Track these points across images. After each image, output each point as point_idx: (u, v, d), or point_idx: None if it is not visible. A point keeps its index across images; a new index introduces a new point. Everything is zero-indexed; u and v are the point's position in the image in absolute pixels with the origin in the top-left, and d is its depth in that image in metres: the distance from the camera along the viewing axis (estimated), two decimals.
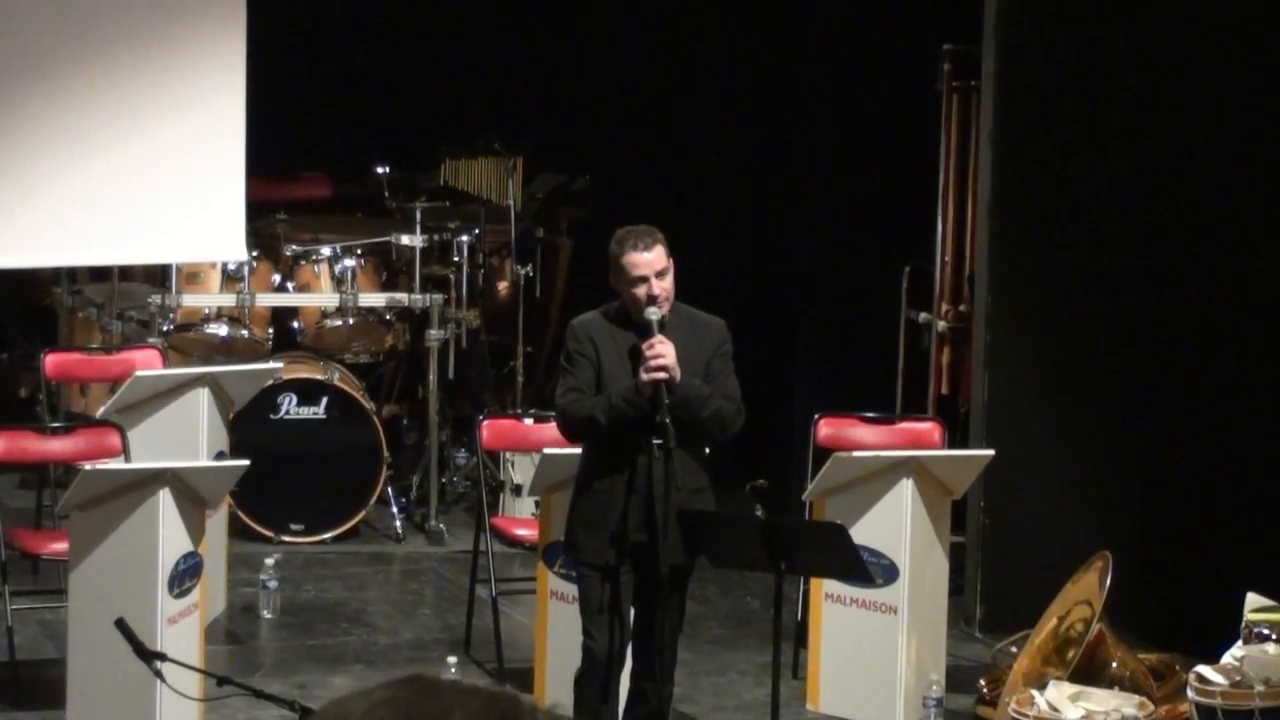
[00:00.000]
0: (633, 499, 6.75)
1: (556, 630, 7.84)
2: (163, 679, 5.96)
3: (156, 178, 9.18)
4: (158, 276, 10.35)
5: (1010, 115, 8.84)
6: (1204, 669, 7.33)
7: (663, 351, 6.65)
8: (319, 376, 10.09)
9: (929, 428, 8.86)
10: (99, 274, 10.34)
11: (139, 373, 8.89)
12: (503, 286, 11.34)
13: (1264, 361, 8.45)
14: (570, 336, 6.89)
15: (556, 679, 7.61)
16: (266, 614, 9.03)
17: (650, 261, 6.75)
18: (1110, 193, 8.72)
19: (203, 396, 8.76)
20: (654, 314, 6.72)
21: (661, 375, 6.62)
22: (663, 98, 11.57)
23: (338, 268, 10.58)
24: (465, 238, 10.70)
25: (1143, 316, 8.66)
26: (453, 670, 7.93)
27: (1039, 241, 8.84)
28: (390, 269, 10.84)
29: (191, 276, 10.47)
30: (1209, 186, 8.53)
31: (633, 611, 6.91)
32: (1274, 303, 8.43)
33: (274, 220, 10.69)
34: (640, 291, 6.74)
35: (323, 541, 10.06)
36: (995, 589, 8.90)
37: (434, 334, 10.39)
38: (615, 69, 11.82)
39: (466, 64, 12.12)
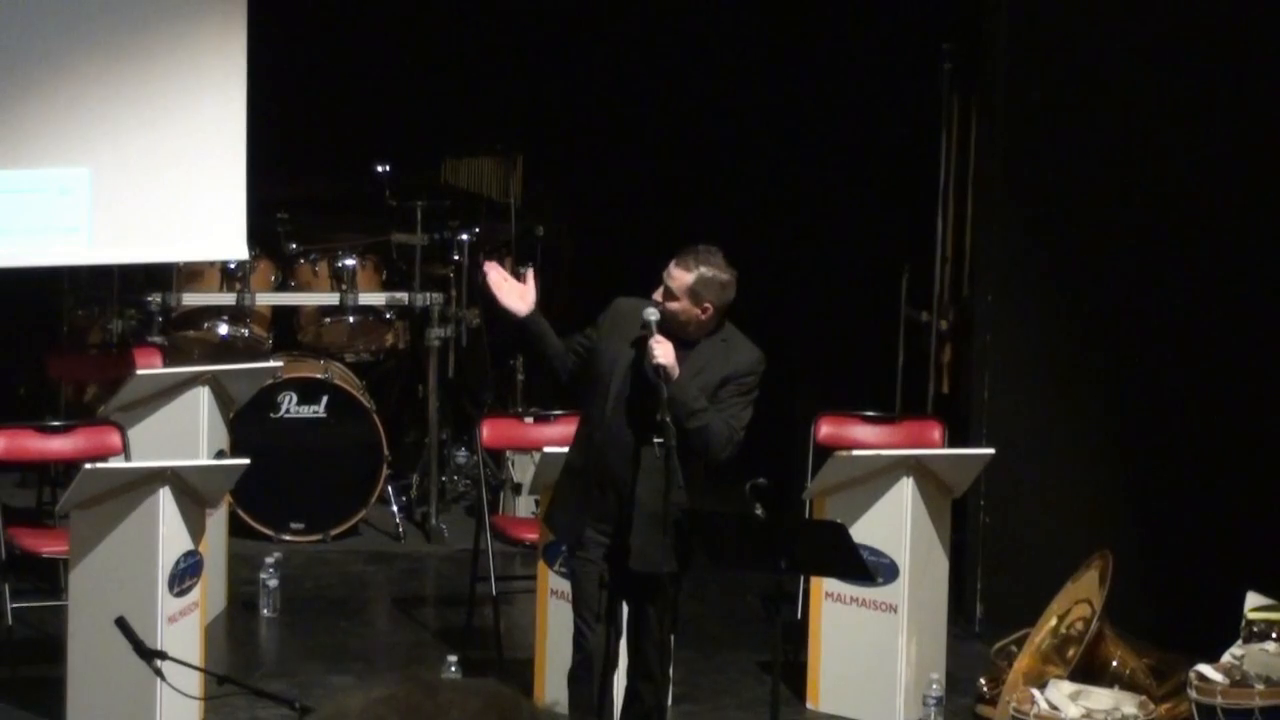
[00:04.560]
0: (618, 496, 6.76)
1: (556, 629, 7.84)
2: (163, 677, 5.96)
3: (157, 177, 9.18)
4: (158, 275, 10.35)
5: (1013, 114, 8.84)
6: (1204, 667, 7.34)
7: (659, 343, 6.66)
8: (319, 375, 10.10)
9: (929, 427, 8.87)
10: (100, 273, 10.34)
11: (139, 371, 8.90)
12: None
13: (1265, 361, 8.45)
14: (608, 308, 6.94)
15: (556, 678, 7.61)
16: (266, 612, 9.03)
17: (671, 274, 6.80)
18: (1111, 192, 8.71)
19: (203, 395, 8.77)
20: (652, 315, 6.73)
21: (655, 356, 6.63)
22: (663, 98, 11.57)
23: (338, 266, 10.59)
24: (465, 236, 10.70)
25: (1143, 316, 8.66)
26: (453, 669, 7.93)
27: (1039, 241, 8.84)
28: (390, 268, 10.84)
29: (192, 275, 10.48)
30: (1211, 186, 8.53)
31: (626, 611, 6.92)
32: (1275, 303, 8.43)
33: (274, 219, 10.68)
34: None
35: (323, 540, 10.06)
36: (995, 588, 8.90)
37: (434, 333, 10.39)
38: (616, 70, 11.82)
39: (466, 64, 12.12)
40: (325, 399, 10.08)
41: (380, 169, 10.68)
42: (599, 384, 6.82)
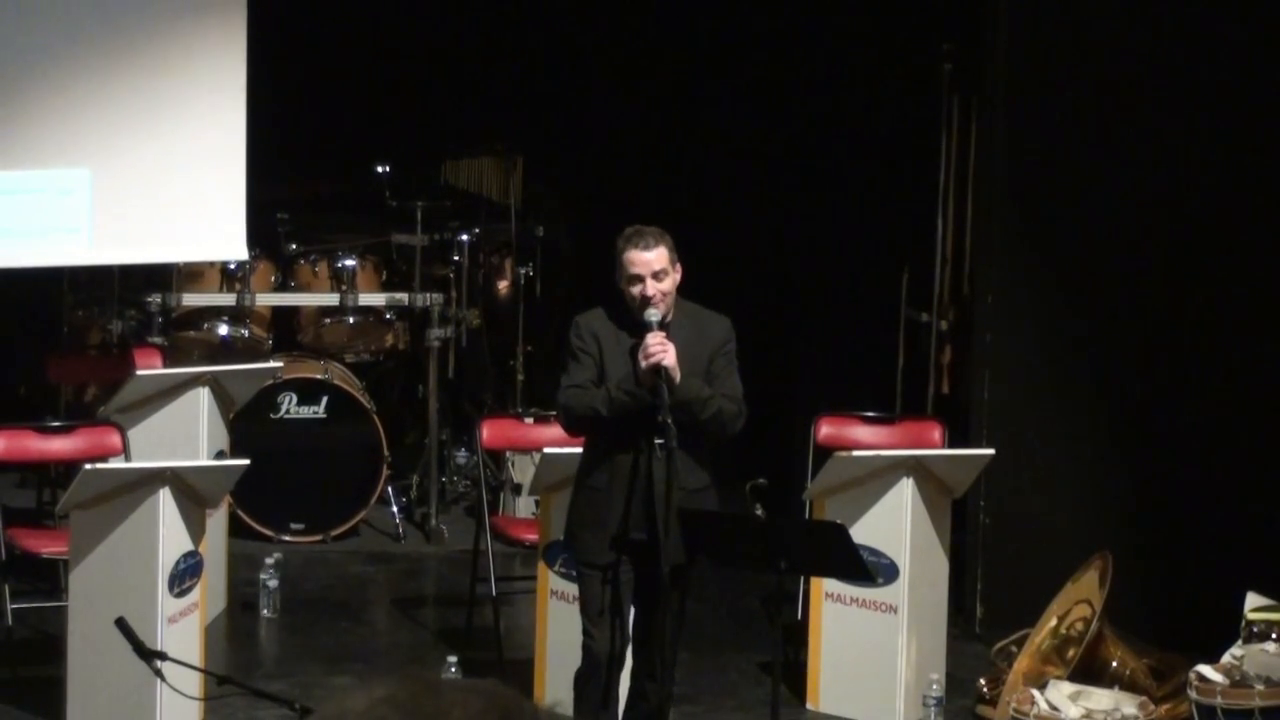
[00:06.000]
0: (634, 498, 6.75)
1: (556, 629, 7.84)
2: (163, 678, 5.97)
3: (158, 178, 9.18)
4: (158, 276, 10.35)
5: (1014, 115, 8.84)
6: (1204, 668, 7.34)
7: (663, 345, 6.64)
8: (319, 376, 10.09)
9: (929, 427, 8.87)
10: (100, 273, 10.33)
11: (139, 372, 8.89)
12: (503, 286, 11.34)
13: (1264, 361, 8.45)
14: (574, 332, 6.88)
15: (556, 678, 7.62)
16: (266, 613, 9.03)
17: (648, 261, 6.74)
18: (1111, 192, 8.71)
19: (203, 396, 8.77)
20: (653, 316, 6.71)
21: (657, 360, 6.60)
22: (663, 98, 11.57)
23: (338, 267, 10.58)
24: (466, 237, 10.70)
25: (1143, 317, 8.66)
26: (453, 669, 7.93)
27: (1039, 241, 8.84)
28: (390, 268, 10.84)
29: (192, 276, 10.48)
30: (1211, 187, 8.53)
31: (633, 610, 6.91)
32: (1275, 303, 8.43)
33: (274, 219, 10.68)
34: (636, 291, 6.74)
35: (323, 540, 10.06)
36: (995, 589, 8.90)
37: (434, 333, 10.39)
38: (616, 69, 11.82)
39: (466, 64, 12.12)
40: (325, 399, 10.07)
41: (380, 169, 10.68)
42: None
